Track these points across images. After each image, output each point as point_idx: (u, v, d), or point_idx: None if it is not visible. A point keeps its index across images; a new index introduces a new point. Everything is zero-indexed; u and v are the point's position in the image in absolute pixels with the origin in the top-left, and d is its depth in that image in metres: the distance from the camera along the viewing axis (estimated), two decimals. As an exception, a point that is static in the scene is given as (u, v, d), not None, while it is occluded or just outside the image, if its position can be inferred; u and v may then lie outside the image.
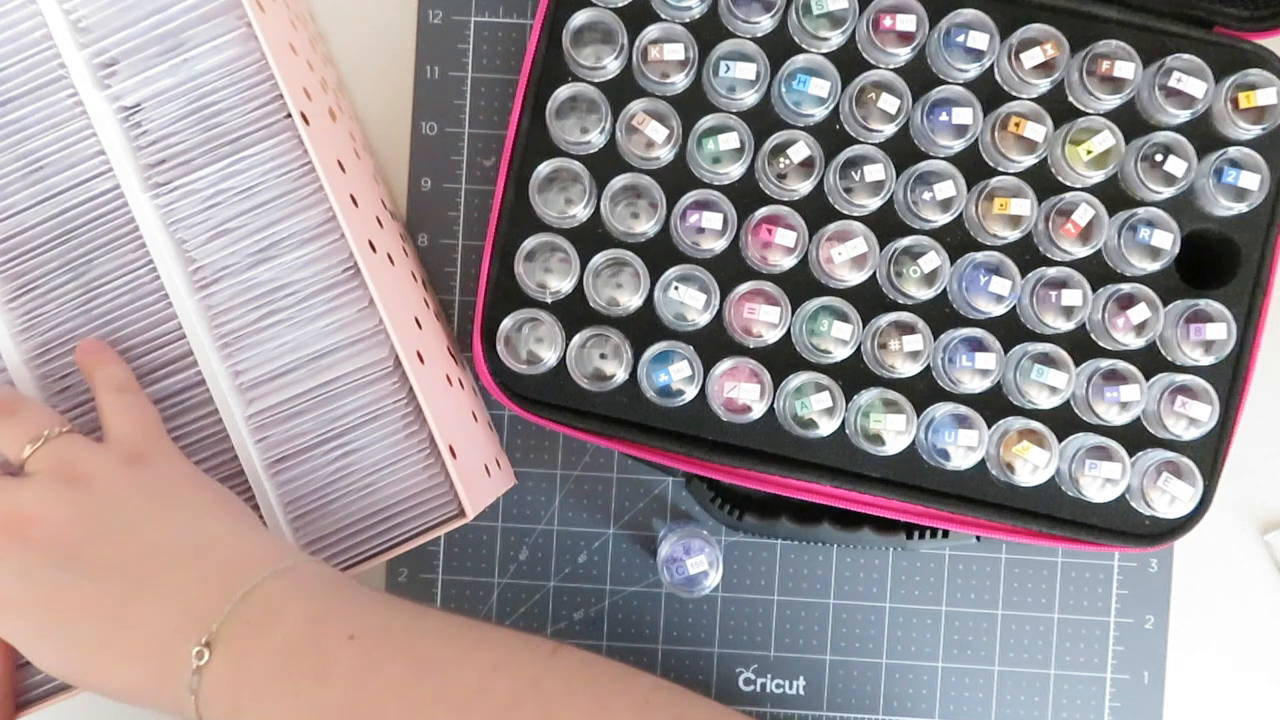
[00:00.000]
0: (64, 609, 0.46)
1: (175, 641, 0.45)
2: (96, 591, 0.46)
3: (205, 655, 0.44)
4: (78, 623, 0.46)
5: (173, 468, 0.51)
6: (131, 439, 0.50)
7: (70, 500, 0.48)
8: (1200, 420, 0.55)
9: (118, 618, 0.46)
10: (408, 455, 0.54)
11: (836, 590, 0.63)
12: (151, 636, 0.45)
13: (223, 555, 0.48)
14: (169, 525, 0.48)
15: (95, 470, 0.49)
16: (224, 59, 0.52)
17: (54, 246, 0.54)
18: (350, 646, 0.44)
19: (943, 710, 0.63)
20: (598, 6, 0.57)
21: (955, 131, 0.55)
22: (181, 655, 0.44)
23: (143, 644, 0.45)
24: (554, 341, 0.56)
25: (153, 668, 0.45)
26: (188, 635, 0.45)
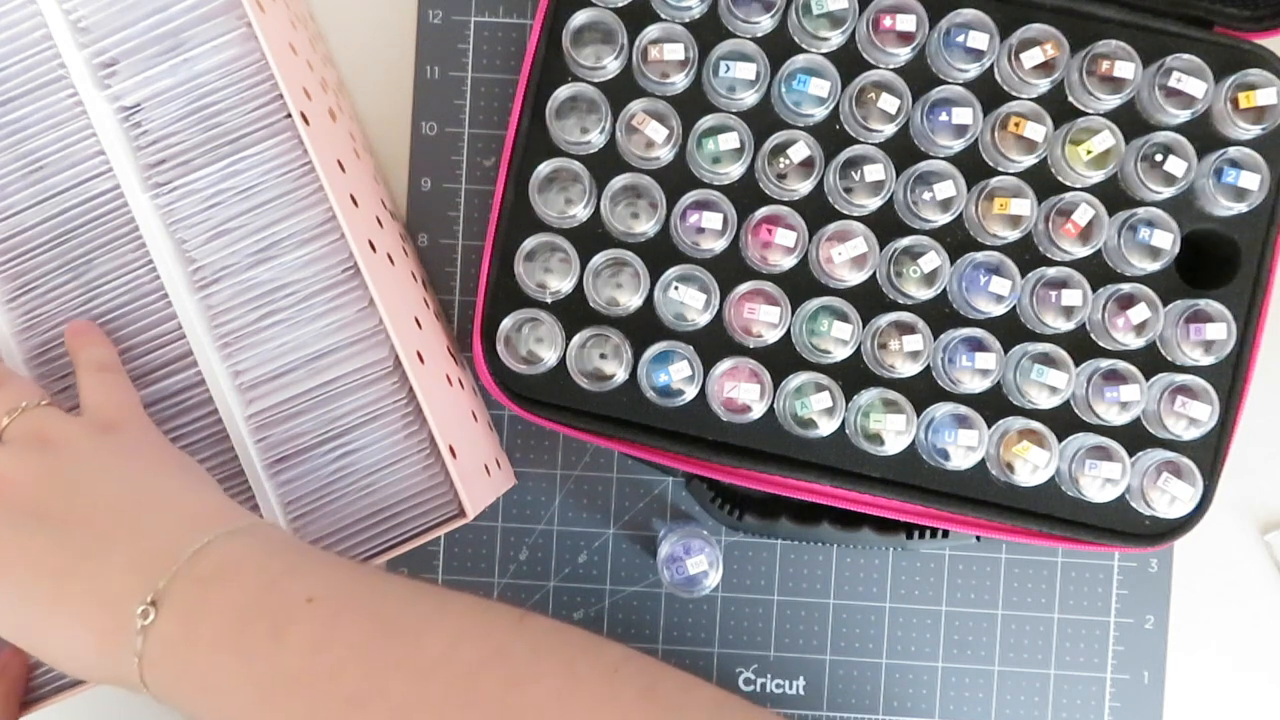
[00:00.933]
0: (19, 566, 0.45)
1: (121, 597, 0.43)
2: (51, 545, 0.45)
3: (151, 614, 0.42)
4: (30, 580, 0.45)
5: (143, 436, 0.51)
6: (104, 412, 0.50)
7: (35, 462, 0.47)
8: (1200, 420, 0.55)
9: (70, 573, 0.44)
10: (408, 455, 0.54)
11: (836, 590, 0.63)
12: (99, 592, 0.44)
13: (178, 511, 0.47)
14: (127, 483, 0.47)
15: (64, 435, 0.49)
16: (224, 59, 0.52)
17: (54, 246, 0.54)
18: (308, 609, 0.43)
19: (943, 710, 0.63)
20: (598, 6, 0.57)
21: (955, 131, 0.55)
22: (127, 613, 0.43)
23: (91, 600, 0.44)
24: (554, 341, 0.56)
25: (99, 628, 0.44)
26: (134, 592, 0.43)
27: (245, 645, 0.42)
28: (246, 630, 0.42)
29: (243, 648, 0.42)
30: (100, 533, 0.45)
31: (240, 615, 0.43)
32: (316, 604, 0.43)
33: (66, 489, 0.47)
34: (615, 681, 0.43)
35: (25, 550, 0.45)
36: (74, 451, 0.48)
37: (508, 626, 0.44)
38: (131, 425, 0.51)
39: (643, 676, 0.44)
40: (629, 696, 0.42)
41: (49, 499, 0.46)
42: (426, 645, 0.42)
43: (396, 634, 0.42)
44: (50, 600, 0.45)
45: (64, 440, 0.48)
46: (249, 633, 0.42)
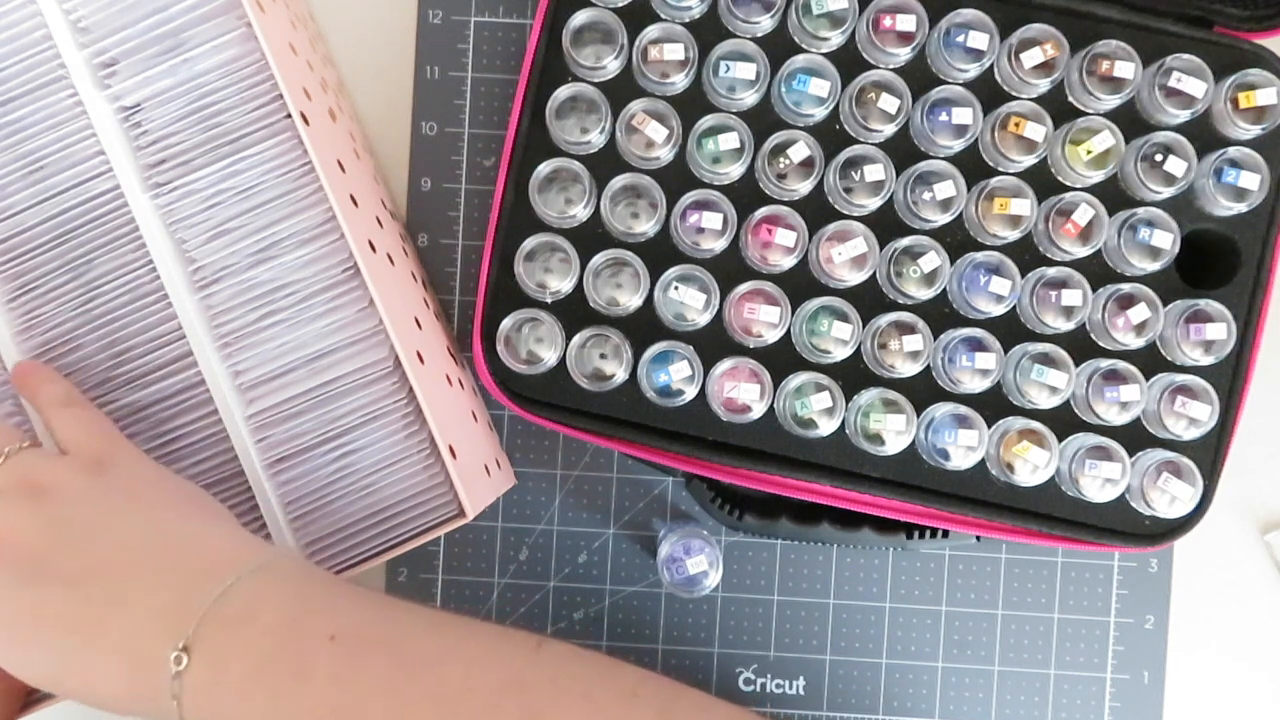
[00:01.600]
0: (38, 622, 0.45)
1: (153, 647, 0.44)
2: (69, 601, 0.45)
3: (184, 660, 0.43)
4: (53, 634, 0.45)
5: (136, 470, 0.50)
6: (89, 448, 0.49)
7: (33, 512, 0.47)
8: (1200, 420, 0.55)
9: (93, 627, 0.45)
10: (408, 455, 0.54)
11: (836, 590, 0.63)
12: (128, 643, 0.44)
13: (197, 554, 0.47)
14: (137, 527, 0.47)
15: (56, 480, 0.48)
16: (224, 59, 0.52)
17: (54, 246, 0.54)
18: (331, 646, 0.44)
19: (943, 710, 0.63)
20: (598, 6, 0.57)
21: (955, 131, 0.55)
22: (160, 660, 0.44)
23: (120, 652, 0.45)
24: (554, 341, 0.56)
25: (133, 675, 0.44)
26: (165, 640, 0.44)
27: (273, 685, 0.43)
28: (272, 670, 0.43)
29: (271, 688, 0.43)
30: (118, 582, 0.46)
31: (266, 656, 0.44)
32: (338, 641, 0.44)
33: (73, 540, 0.46)
34: (633, 705, 0.44)
35: (44, 609, 0.45)
36: (71, 498, 0.47)
37: (525, 655, 0.45)
38: (121, 459, 0.50)
39: (659, 698, 0.45)
40: (647, 718, 0.44)
41: (57, 553, 0.46)
42: (447, 678, 0.43)
43: (417, 668, 0.44)
44: (80, 655, 0.45)
45: (57, 486, 0.47)
46: (275, 672, 0.43)
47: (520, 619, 0.63)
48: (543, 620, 0.63)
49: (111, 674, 0.45)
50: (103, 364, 0.54)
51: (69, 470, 0.48)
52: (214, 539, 0.48)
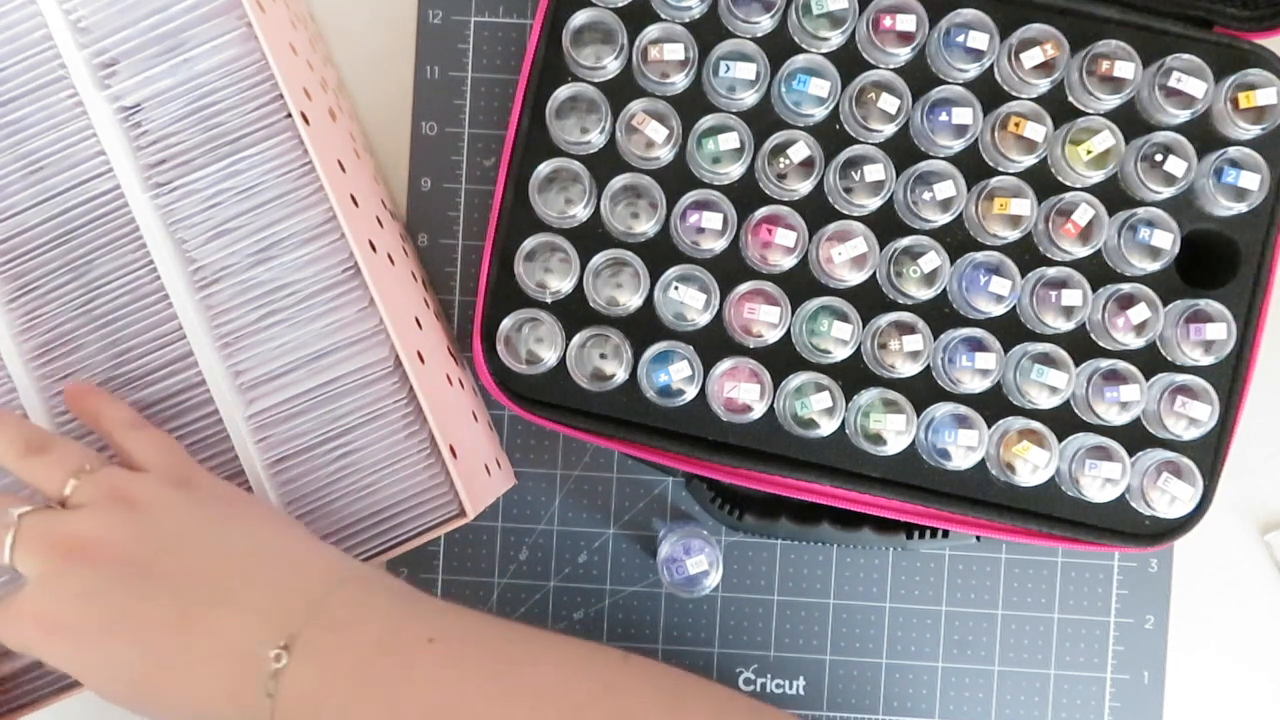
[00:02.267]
0: (134, 624, 0.45)
1: (253, 647, 0.44)
2: (168, 602, 0.46)
3: (284, 658, 0.44)
4: (153, 633, 0.45)
5: (218, 487, 0.51)
6: (169, 466, 0.50)
7: (129, 520, 0.47)
8: (1200, 420, 0.55)
9: (191, 627, 0.45)
10: (408, 455, 0.54)
11: (836, 590, 0.63)
12: (228, 643, 0.45)
13: (294, 561, 0.48)
14: (233, 535, 0.48)
15: (146, 494, 0.48)
16: (224, 59, 0.52)
17: (54, 246, 0.54)
18: (431, 648, 0.45)
19: (943, 710, 0.63)
20: (598, 6, 0.57)
21: (955, 131, 0.55)
22: (259, 660, 0.44)
23: (219, 651, 0.45)
24: (554, 341, 0.56)
25: (229, 675, 0.45)
26: (266, 640, 0.44)
27: (375, 684, 0.44)
28: (375, 668, 0.44)
29: (373, 687, 0.44)
30: (219, 584, 0.46)
31: (370, 655, 0.45)
32: (438, 643, 0.45)
33: (169, 544, 0.47)
34: (723, 716, 0.46)
35: (140, 606, 0.46)
36: (165, 508, 0.48)
37: (616, 664, 0.47)
38: (200, 477, 0.51)
39: (751, 714, 0.46)
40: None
41: (154, 555, 0.46)
42: (542, 678, 0.45)
43: (514, 671, 0.45)
44: (174, 653, 0.45)
45: (148, 499, 0.48)
46: (380, 669, 0.44)
47: (520, 619, 0.63)
48: (543, 620, 0.63)
49: (208, 673, 0.45)
50: (103, 364, 0.54)
51: (157, 484, 0.49)
52: (306, 549, 0.49)
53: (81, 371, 0.54)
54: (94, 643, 0.46)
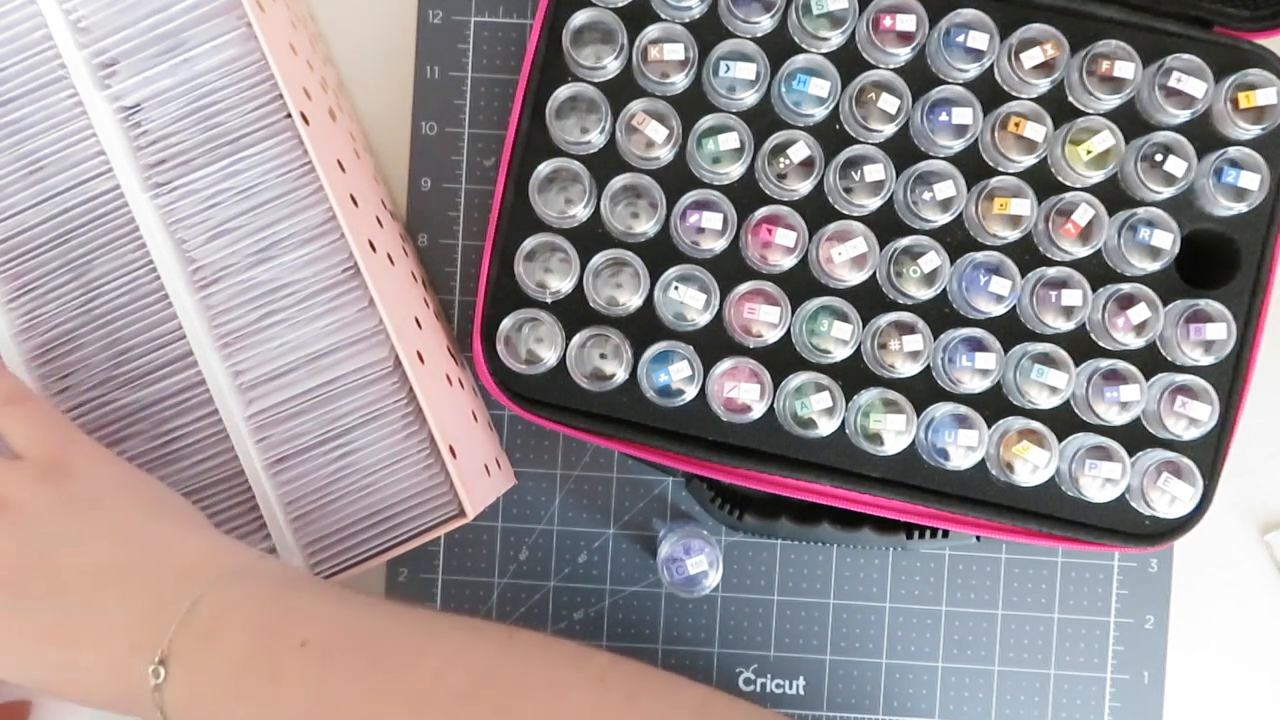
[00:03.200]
0: (19, 635, 0.45)
1: (131, 661, 0.44)
2: (44, 616, 0.45)
3: (161, 673, 0.43)
4: (35, 647, 0.45)
5: (99, 471, 0.49)
6: (44, 448, 0.48)
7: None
8: (1200, 420, 0.55)
9: (71, 641, 0.45)
10: (408, 455, 0.54)
11: (836, 590, 0.63)
12: (107, 658, 0.44)
13: (167, 562, 0.46)
14: (104, 537, 0.47)
15: (16, 494, 0.47)
16: (224, 59, 0.52)
17: (54, 246, 0.54)
18: (302, 654, 0.44)
19: (943, 710, 0.63)
20: (598, 6, 0.57)
21: (955, 131, 0.55)
22: (140, 673, 0.44)
23: (101, 666, 0.45)
24: (554, 341, 0.56)
25: (116, 687, 0.45)
26: (142, 653, 0.44)
27: (247, 695, 0.44)
28: (245, 680, 0.44)
29: (245, 698, 0.44)
30: (90, 595, 0.45)
31: (239, 666, 0.44)
32: (309, 647, 0.44)
33: (41, 555, 0.46)
34: (602, 691, 0.44)
35: (22, 624, 0.45)
36: (33, 511, 0.46)
37: (496, 648, 0.46)
38: (81, 460, 0.48)
39: (628, 683, 0.45)
40: (615, 702, 0.44)
41: (28, 574, 0.45)
42: (418, 677, 0.44)
43: (389, 669, 0.44)
44: (64, 668, 0.45)
45: (18, 501, 0.47)
46: (249, 682, 0.44)
47: (520, 619, 0.63)
48: (543, 620, 0.63)
49: (97, 684, 0.45)
50: (103, 364, 0.54)
51: (27, 479, 0.47)
52: (184, 543, 0.48)
53: (81, 371, 0.54)
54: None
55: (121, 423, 0.54)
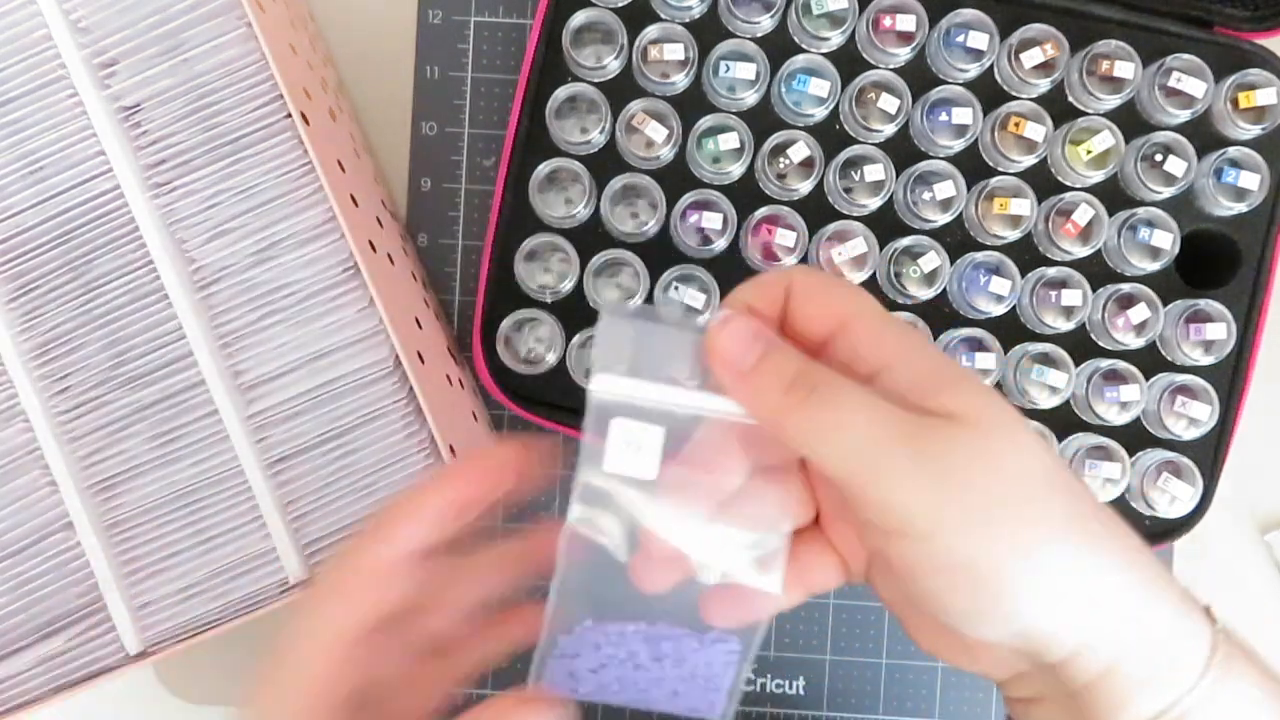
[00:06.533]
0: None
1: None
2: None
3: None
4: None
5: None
6: None
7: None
8: (1200, 420, 0.55)
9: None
10: (408, 455, 0.53)
11: (837, 590, 0.63)
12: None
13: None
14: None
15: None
16: (224, 59, 0.52)
17: (54, 246, 0.54)
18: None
19: (943, 710, 0.63)
20: (598, 6, 0.57)
21: (955, 131, 0.55)
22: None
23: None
24: (554, 341, 0.56)
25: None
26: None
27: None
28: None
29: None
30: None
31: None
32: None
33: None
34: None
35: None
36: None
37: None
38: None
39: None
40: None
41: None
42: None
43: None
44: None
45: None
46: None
47: (520, 619, 0.63)
48: (543, 620, 0.63)
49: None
50: (103, 364, 0.54)
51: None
52: None
53: (81, 371, 0.54)
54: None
55: (121, 423, 0.54)
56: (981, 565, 0.34)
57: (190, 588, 0.53)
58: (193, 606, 0.53)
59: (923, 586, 0.35)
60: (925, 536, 0.34)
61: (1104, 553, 0.36)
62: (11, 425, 0.54)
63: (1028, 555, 0.34)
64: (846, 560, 0.40)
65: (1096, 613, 0.36)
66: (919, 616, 0.40)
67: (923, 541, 0.34)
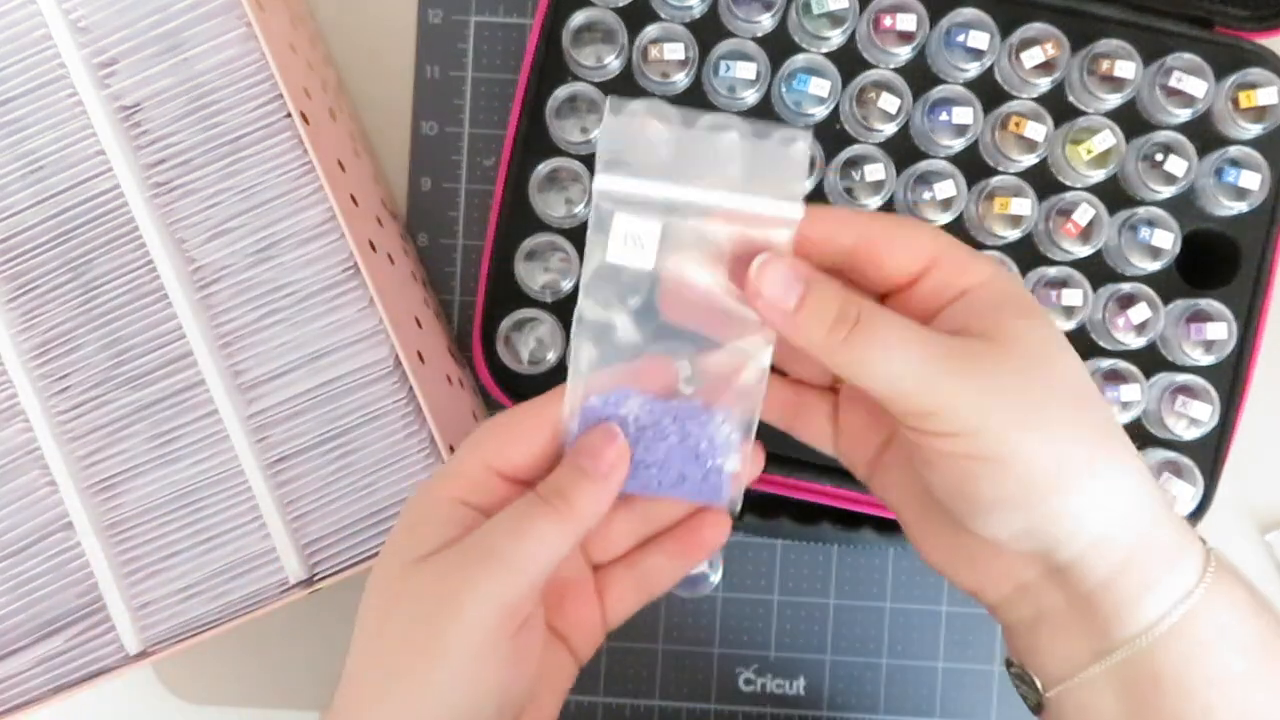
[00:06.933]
0: None
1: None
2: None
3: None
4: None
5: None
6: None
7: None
8: (1200, 420, 0.55)
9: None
10: (408, 455, 0.53)
11: (836, 590, 0.63)
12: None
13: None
14: None
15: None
16: (224, 59, 0.52)
17: (54, 246, 0.54)
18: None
19: (943, 710, 0.63)
20: (598, 6, 0.57)
21: (955, 131, 0.55)
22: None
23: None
24: (554, 341, 0.56)
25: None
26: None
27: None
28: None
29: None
30: None
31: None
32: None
33: None
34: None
35: None
36: None
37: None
38: None
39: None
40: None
41: None
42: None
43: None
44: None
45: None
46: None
47: (520, 619, 0.63)
48: (543, 620, 0.63)
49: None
50: (103, 364, 0.54)
51: None
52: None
53: (80, 371, 0.54)
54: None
55: (121, 423, 0.54)
56: (1017, 454, 0.36)
57: (190, 588, 0.53)
58: (193, 606, 0.53)
59: (954, 477, 0.38)
60: (968, 433, 0.36)
61: (1125, 462, 0.38)
62: (11, 425, 0.54)
63: (1059, 449, 0.37)
64: (843, 436, 0.44)
65: (1115, 510, 0.38)
66: (931, 520, 0.42)
67: (964, 436, 0.36)
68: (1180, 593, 0.38)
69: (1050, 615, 0.40)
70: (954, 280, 0.38)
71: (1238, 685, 0.38)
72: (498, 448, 0.41)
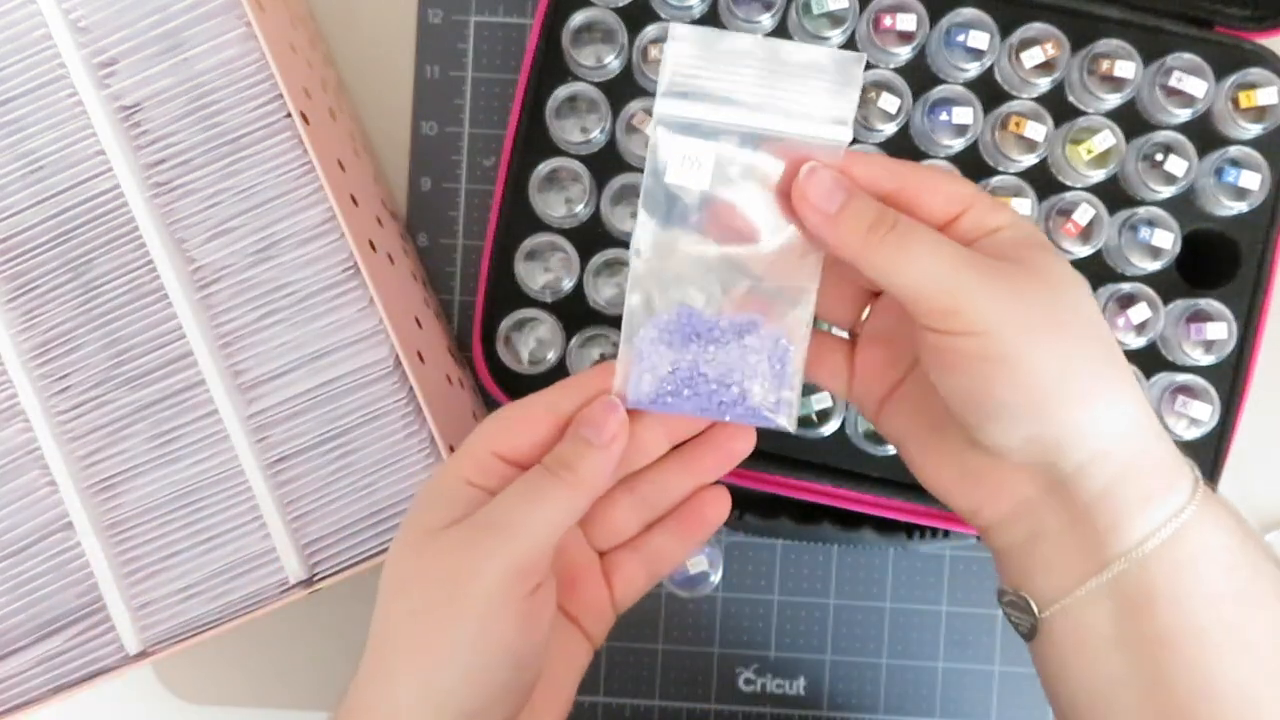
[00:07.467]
0: None
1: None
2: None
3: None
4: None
5: None
6: None
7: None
8: (1200, 420, 0.55)
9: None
10: (408, 455, 0.53)
11: (836, 590, 0.63)
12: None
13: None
14: None
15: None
16: (224, 59, 0.52)
17: (54, 246, 0.54)
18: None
19: (943, 710, 0.63)
20: (598, 6, 0.57)
21: (955, 131, 0.55)
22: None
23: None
24: (554, 341, 0.56)
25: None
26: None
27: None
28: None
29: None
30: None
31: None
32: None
33: None
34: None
35: None
36: None
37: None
38: None
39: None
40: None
41: None
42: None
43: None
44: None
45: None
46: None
47: (520, 619, 0.63)
48: (543, 620, 0.63)
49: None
50: (103, 364, 0.54)
51: None
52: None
53: (80, 371, 0.54)
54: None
55: (121, 422, 0.54)
56: (1027, 357, 0.39)
57: (190, 588, 0.53)
58: (192, 606, 0.53)
59: (967, 380, 0.39)
60: (986, 333, 0.38)
61: (1128, 385, 0.41)
62: (11, 425, 0.54)
63: (1067, 363, 0.39)
64: (858, 378, 0.46)
65: (1116, 427, 0.40)
66: (937, 442, 0.44)
67: (982, 336, 0.38)
68: (1173, 509, 0.40)
69: (1048, 533, 0.42)
70: (985, 221, 0.41)
71: (1229, 604, 0.40)
72: (502, 434, 0.43)
